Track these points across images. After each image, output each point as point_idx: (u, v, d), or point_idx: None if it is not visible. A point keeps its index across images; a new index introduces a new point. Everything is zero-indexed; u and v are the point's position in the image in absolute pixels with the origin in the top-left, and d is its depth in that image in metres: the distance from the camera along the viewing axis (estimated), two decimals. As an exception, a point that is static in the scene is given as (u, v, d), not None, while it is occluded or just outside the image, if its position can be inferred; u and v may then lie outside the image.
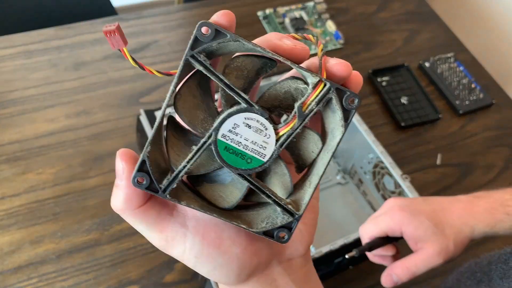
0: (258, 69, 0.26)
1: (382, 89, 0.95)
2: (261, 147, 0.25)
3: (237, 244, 0.26)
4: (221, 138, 0.24)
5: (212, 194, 0.26)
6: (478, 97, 0.98)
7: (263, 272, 0.28)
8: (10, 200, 0.69)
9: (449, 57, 1.04)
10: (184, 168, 0.25)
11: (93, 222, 0.69)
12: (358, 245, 0.64)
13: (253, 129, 0.25)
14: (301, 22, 1.00)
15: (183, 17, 1.00)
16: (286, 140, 0.25)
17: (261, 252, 0.28)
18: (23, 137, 0.76)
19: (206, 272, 0.27)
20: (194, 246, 0.26)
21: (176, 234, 0.26)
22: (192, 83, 0.25)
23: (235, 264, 0.26)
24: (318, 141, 0.26)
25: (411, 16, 1.12)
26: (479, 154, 0.91)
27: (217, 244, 0.26)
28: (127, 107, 0.83)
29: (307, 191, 0.26)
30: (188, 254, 0.26)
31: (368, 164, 0.75)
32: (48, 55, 0.87)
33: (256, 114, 0.24)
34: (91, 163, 0.75)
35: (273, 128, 0.25)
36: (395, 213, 0.56)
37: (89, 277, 0.65)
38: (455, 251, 0.55)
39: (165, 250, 0.27)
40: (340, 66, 0.24)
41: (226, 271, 0.26)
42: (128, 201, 0.26)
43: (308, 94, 0.24)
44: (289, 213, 0.26)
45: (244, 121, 0.24)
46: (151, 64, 0.90)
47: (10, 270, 0.63)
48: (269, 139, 0.25)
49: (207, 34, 0.24)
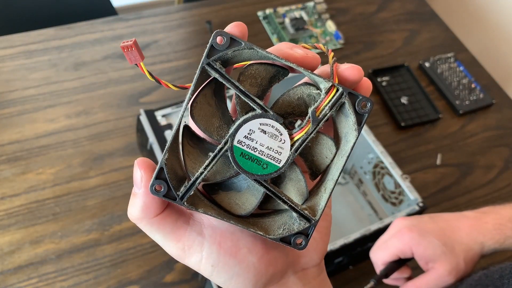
0: (271, 77, 0.26)
1: (382, 89, 0.95)
2: (277, 153, 0.25)
3: (253, 253, 0.27)
4: (237, 144, 0.25)
5: (228, 202, 0.27)
6: (478, 97, 0.98)
7: (279, 282, 0.28)
8: (10, 200, 0.69)
9: (449, 57, 1.04)
10: (201, 175, 0.25)
11: (93, 222, 0.69)
12: (358, 245, 0.64)
13: (268, 134, 0.25)
14: (301, 22, 1.00)
15: (183, 17, 1.00)
16: (301, 145, 0.25)
17: (277, 261, 0.28)
18: (23, 137, 0.76)
19: (223, 282, 0.27)
20: (211, 255, 0.26)
21: (193, 243, 0.26)
22: (208, 92, 0.26)
23: (251, 273, 0.26)
24: (332, 146, 0.26)
25: (411, 16, 1.12)
26: (479, 154, 0.91)
27: (234, 252, 0.26)
28: (127, 107, 0.83)
29: (323, 197, 0.26)
30: (205, 263, 0.26)
31: (368, 164, 0.75)
32: (48, 55, 0.87)
33: (271, 120, 0.25)
34: (91, 163, 0.75)
35: (287, 133, 0.25)
36: (404, 235, 0.56)
37: (89, 277, 0.65)
38: (465, 269, 0.55)
39: (182, 259, 0.27)
40: (351, 70, 0.25)
41: (242, 280, 0.26)
42: (146, 209, 0.26)
43: (321, 99, 0.25)
44: (306, 218, 0.26)
45: (259, 127, 0.25)
46: (151, 64, 0.90)
47: (10, 270, 0.63)
48: (284, 144, 0.25)
49: (223, 42, 0.24)
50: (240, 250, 0.26)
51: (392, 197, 0.72)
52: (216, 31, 0.24)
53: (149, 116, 0.69)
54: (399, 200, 0.71)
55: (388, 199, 0.73)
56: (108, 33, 0.93)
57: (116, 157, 0.76)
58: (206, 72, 0.25)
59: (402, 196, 0.70)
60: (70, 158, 0.75)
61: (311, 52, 0.26)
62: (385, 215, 0.73)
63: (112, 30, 0.93)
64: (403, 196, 0.70)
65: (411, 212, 0.66)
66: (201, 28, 0.98)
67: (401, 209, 0.70)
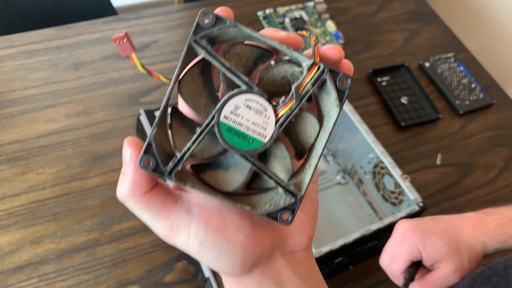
0: (256, 58, 0.27)
1: (382, 89, 0.95)
2: (262, 128, 0.26)
3: (240, 231, 0.27)
4: (223, 119, 0.25)
5: (216, 180, 0.27)
6: (478, 97, 0.98)
7: (267, 264, 0.28)
8: (10, 200, 0.69)
9: (449, 57, 1.04)
10: (188, 150, 0.26)
11: (93, 222, 0.69)
12: (358, 245, 0.64)
13: (254, 110, 0.26)
14: (301, 22, 1.00)
15: (183, 17, 1.00)
16: (285, 120, 0.26)
17: (264, 240, 0.28)
18: (23, 137, 0.76)
19: (211, 260, 0.27)
20: (199, 233, 0.26)
21: (181, 221, 0.26)
22: (195, 71, 0.27)
23: (239, 250, 0.27)
24: (315, 124, 0.27)
25: (411, 16, 1.12)
26: (479, 154, 0.91)
27: (221, 230, 0.26)
28: (127, 107, 0.83)
29: (308, 173, 0.27)
30: (192, 241, 0.26)
31: (368, 164, 0.75)
32: (48, 55, 0.87)
33: (256, 95, 0.26)
34: (91, 163, 0.75)
35: (272, 109, 0.26)
36: (408, 238, 0.56)
37: (89, 277, 0.65)
38: (470, 268, 0.55)
39: (169, 238, 0.27)
40: (332, 50, 0.26)
41: (230, 258, 0.27)
42: (134, 187, 0.26)
43: (304, 76, 0.26)
44: (292, 194, 0.26)
45: (245, 102, 0.26)
46: (151, 64, 0.90)
47: (10, 270, 0.63)
48: (269, 119, 0.26)
49: (208, 21, 0.25)
50: (227, 227, 0.27)
51: (392, 197, 0.72)
52: (202, 9, 0.25)
53: (149, 116, 0.69)
54: (399, 200, 0.71)
55: (388, 199, 0.73)
56: (108, 33, 0.93)
57: (116, 157, 0.76)
58: (192, 50, 0.26)
59: (402, 196, 0.70)
60: (70, 158, 0.75)
61: (294, 34, 0.27)
62: (385, 215, 0.73)
63: (112, 30, 0.93)
64: (403, 196, 0.70)
65: (411, 212, 0.66)
66: (201, 28, 0.98)
67: (401, 209, 0.70)
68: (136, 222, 0.70)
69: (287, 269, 0.29)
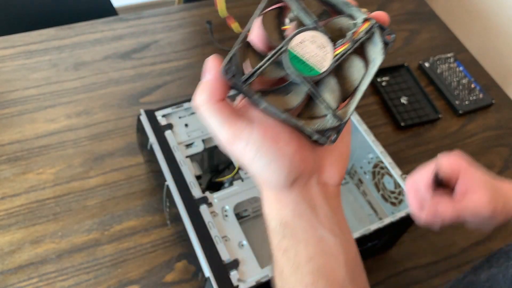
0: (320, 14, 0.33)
1: (382, 89, 0.95)
2: (321, 60, 0.31)
3: (290, 146, 0.31)
4: (291, 48, 0.30)
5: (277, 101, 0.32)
6: (478, 97, 0.98)
7: (305, 186, 0.33)
8: (10, 200, 0.69)
9: (449, 57, 1.04)
10: (261, 68, 0.30)
11: (93, 222, 0.69)
12: (358, 245, 0.64)
13: (316, 45, 0.31)
14: (301, 22, 1.00)
15: (183, 17, 1.00)
16: (341, 57, 0.31)
17: (307, 159, 0.32)
18: (23, 137, 0.76)
19: (262, 166, 0.31)
20: (257, 141, 0.31)
21: (244, 129, 0.31)
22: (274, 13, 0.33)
23: (287, 162, 0.31)
24: (362, 68, 0.32)
25: (411, 16, 1.12)
26: (479, 154, 0.91)
27: (275, 141, 0.31)
28: (127, 107, 0.83)
29: (352, 104, 0.32)
30: (250, 147, 0.31)
31: (368, 164, 0.75)
32: (48, 55, 0.87)
33: (320, 33, 0.31)
34: (91, 163, 0.75)
35: (332, 46, 0.31)
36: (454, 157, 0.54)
37: (89, 277, 0.65)
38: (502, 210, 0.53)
39: (230, 144, 0.31)
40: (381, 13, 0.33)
41: (279, 166, 0.31)
42: (213, 92, 0.31)
43: (358, 26, 0.32)
44: (338, 117, 0.31)
45: (310, 38, 0.31)
46: (151, 64, 0.90)
47: (11, 270, 0.64)
48: (327, 55, 0.31)
49: None
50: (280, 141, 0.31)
51: (392, 197, 0.72)
52: None
53: (149, 116, 0.69)
54: (399, 200, 0.71)
55: (388, 199, 0.73)
56: (109, 33, 0.93)
57: (117, 157, 0.76)
58: None
59: (402, 196, 0.70)
60: (70, 158, 0.75)
61: None
62: (385, 215, 0.73)
63: (113, 30, 0.94)
64: (403, 196, 0.70)
65: (411, 212, 0.66)
66: (201, 28, 0.98)
67: (401, 209, 0.70)
68: (136, 222, 0.70)
69: (320, 198, 0.33)
